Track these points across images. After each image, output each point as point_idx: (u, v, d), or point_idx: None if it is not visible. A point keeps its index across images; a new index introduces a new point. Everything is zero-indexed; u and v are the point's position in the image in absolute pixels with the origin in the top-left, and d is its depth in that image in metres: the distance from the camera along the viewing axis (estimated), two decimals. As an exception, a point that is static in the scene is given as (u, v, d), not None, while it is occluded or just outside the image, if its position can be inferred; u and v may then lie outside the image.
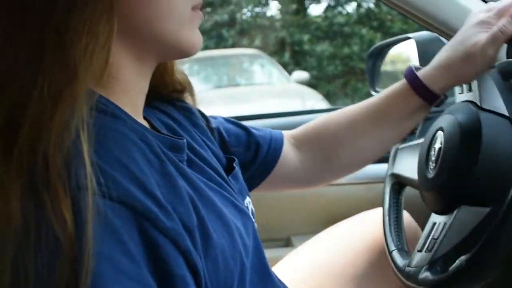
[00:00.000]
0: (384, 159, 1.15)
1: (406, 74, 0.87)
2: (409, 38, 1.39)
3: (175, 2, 0.65)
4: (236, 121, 0.94)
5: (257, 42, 9.59)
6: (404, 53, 1.62)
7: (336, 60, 9.79)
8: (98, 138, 0.54)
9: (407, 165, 1.04)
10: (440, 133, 0.86)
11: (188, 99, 0.86)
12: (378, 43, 1.70)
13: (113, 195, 0.52)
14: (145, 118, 0.74)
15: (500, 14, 0.81)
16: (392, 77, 1.81)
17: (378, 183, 1.43)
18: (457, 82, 0.86)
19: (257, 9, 10.00)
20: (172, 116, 0.80)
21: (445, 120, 0.86)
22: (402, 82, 0.88)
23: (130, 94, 0.67)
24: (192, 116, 0.84)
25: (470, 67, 0.82)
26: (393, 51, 1.61)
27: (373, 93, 1.63)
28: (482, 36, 0.80)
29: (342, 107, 0.96)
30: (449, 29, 1.05)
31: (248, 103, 5.65)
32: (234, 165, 0.82)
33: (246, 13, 9.57)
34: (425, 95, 0.85)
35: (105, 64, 0.59)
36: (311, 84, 9.39)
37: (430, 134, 0.90)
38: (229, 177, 0.78)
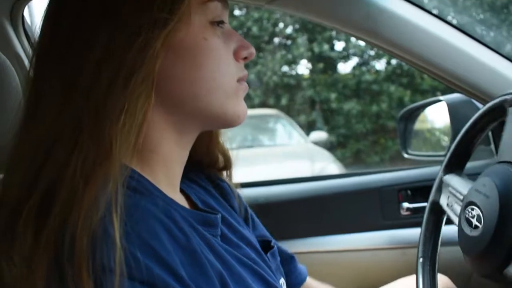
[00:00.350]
0: (417, 224, 1.13)
1: None
2: (440, 100, 1.40)
3: (221, 77, 0.66)
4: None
5: (284, 101, 9.63)
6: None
7: (365, 118, 9.75)
8: (126, 217, 0.54)
9: (450, 203, 1.03)
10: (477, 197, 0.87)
11: (227, 179, 0.87)
12: (409, 105, 1.71)
13: (136, 276, 0.52)
14: (183, 191, 0.74)
15: None
16: (422, 137, 1.81)
17: (413, 247, 1.40)
18: None
19: (285, 68, 10.07)
20: (210, 192, 0.80)
21: (482, 184, 0.86)
22: None
23: (167, 166, 0.68)
24: (229, 196, 0.84)
25: None
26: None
27: (405, 155, 1.63)
28: None
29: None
30: (481, 92, 1.06)
31: (269, 164, 5.65)
32: (272, 244, 0.82)
33: (272, 74, 9.64)
34: None
35: (139, 141, 0.60)
36: (340, 142, 9.29)
37: (467, 199, 0.90)
38: (268, 254, 0.78)
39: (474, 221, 0.87)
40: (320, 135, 7.81)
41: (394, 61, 9.89)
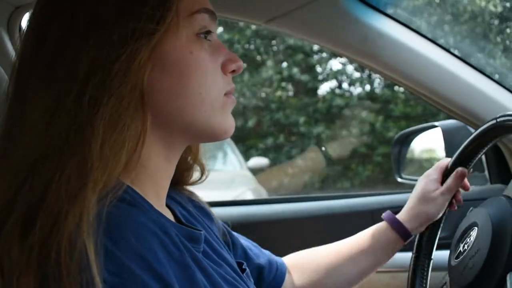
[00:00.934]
0: (408, 248, 1.13)
1: (385, 216, 1.01)
2: (435, 126, 1.40)
3: (208, 91, 0.66)
4: (248, 239, 0.97)
5: (251, 123, 9.55)
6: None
7: (335, 142, 9.69)
8: (117, 229, 0.54)
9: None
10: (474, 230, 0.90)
11: (201, 199, 0.87)
12: (404, 130, 1.72)
13: (131, 286, 0.52)
14: (168, 206, 0.73)
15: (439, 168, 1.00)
16: (418, 164, 1.81)
17: (403, 272, 1.39)
18: (425, 224, 1.00)
19: (253, 90, 9.99)
20: (189, 210, 0.80)
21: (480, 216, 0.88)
22: (382, 222, 1.01)
23: (156, 181, 0.67)
24: (207, 216, 0.84)
25: (435, 211, 0.98)
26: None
27: (399, 179, 1.62)
28: (436, 186, 0.98)
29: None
30: (474, 117, 1.07)
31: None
32: (244, 267, 0.82)
33: (240, 95, 9.57)
34: (400, 231, 0.98)
35: (130, 157, 0.59)
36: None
37: (463, 227, 0.92)
38: (244, 275, 0.78)
39: (467, 249, 0.87)
40: (259, 161, 7.78)
41: (367, 87, 9.89)
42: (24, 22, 1.24)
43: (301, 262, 1.01)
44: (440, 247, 1.04)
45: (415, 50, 1.08)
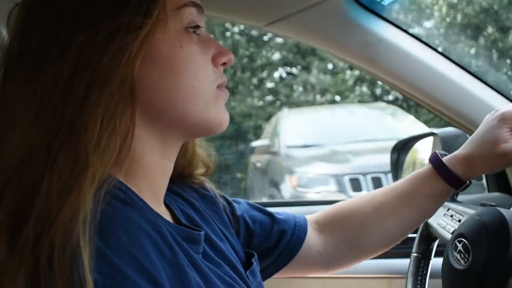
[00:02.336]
0: (405, 254, 1.13)
1: (431, 159, 0.89)
2: (434, 133, 1.40)
3: (200, 84, 0.66)
4: (260, 207, 0.93)
5: None
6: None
7: None
8: (109, 228, 0.53)
9: (442, 223, 1.03)
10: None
11: (210, 185, 0.85)
12: (403, 137, 1.71)
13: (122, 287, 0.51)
14: (166, 205, 0.73)
15: None
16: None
17: (400, 278, 1.39)
18: (477, 174, 0.89)
19: None
20: (194, 205, 0.79)
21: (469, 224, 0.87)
22: (427, 167, 0.89)
23: (152, 178, 0.67)
24: (214, 206, 0.83)
25: (491, 163, 0.85)
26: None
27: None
28: (503, 136, 0.83)
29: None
30: (474, 126, 1.06)
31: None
32: (253, 261, 0.80)
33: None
34: (450, 179, 0.87)
35: (124, 151, 0.58)
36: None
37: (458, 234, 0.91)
38: (247, 273, 0.76)
39: (462, 255, 0.87)
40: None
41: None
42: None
43: (332, 220, 0.94)
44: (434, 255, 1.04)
45: (415, 56, 1.08)
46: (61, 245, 0.50)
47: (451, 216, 1.01)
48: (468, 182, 0.89)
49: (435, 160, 0.88)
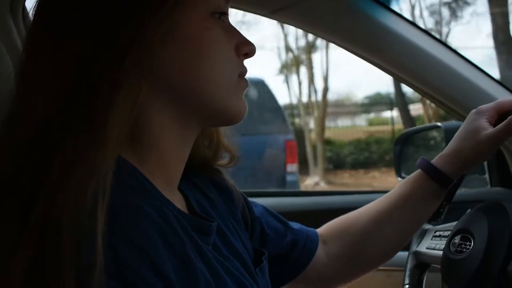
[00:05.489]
0: (405, 247, 1.13)
1: (419, 163, 0.92)
2: (438, 126, 1.40)
3: (223, 69, 0.65)
4: (276, 213, 0.93)
5: None
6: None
7: None
8: (116, 216, 0.52)
9: (432, 245, 1.04)
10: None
11: (230, 181, 0.84)
12: (406, 129, 1.71)
13: (125, 277, 0.50)
14: (182, 192, 0.72)
15: (499, 108, 0.90)
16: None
17: (398, 271, 1.39)
18: (468, 167, 0.91)
19: None
20: (209, 197, 0.78)
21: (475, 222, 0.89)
22: (418, 171, 0.92)
23: (167, 163, 0.66)
24: (229, 201, 0.82)
25: (477, 151, 0.88)
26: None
27: (399, 178, 1.62)
28: (482, 125, 0.88)
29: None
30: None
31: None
32: (263, 259, 0.79)
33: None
34: (440, 179, 0.89)
35: (134, 126, 0.58)
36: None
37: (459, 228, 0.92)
38: (256, 270, 0.76)
39: (462, 246, 0.88)
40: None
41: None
42: (28, 4, 1.23)
43: (334, 230, 0.95)
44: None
45: (422, 49, 1.08)
46: (69, 224, 0.49)
47: (439, 236, 1.04)
48: (456, 181, 0.91)
49: (423, 162, 0.91)
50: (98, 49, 0.56)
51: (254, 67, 0.92)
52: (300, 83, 12.49)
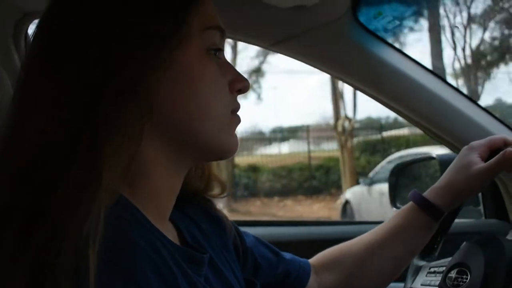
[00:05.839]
0: (399, 278, 1.12)
1: (411, 196, 0.93)
2: (433, 157, 1.41)
3: (216, 106, 0.66)
4: (267, 243, 0.93)
5: None
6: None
7: None
8: (108, 248, 0.52)
9: (426, 281, 1.04)
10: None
11: (221, 211, 0.85)
12: (402, 160, 1.72)
13: None
14: (173, 222, 0.72)
15: (490, 144, 0.92)
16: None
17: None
18: (459, 200, 0.92)
19: None
20: (201, 228, 0.78)
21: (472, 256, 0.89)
22: (410, 203, 0.93)
23: (159, 195, 0.66)
24: (220, 231, 0.82)
25: (469, 184, 0.90)
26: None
27: (394, 209, 1.62)
28: (474, 160, 0.90)
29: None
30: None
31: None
32: None
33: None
34: (432, 211, 0.90)
35: (131, 166, 0.57)
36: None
37: (456, 261, 0.92)
38: None
39: (458, 280, 0.88)
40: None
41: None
42: (31, 30, 1.25)
43: (326, 261, 0.95)
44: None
45: (415, 81, 1.09)
46: (65, 264, 0.48)
47: (434, 272, 1.04)
48: (455, 211, 0.93)
49: (415, 195, 0.92)
50: (100, 86, 0.56)
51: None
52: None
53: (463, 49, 12.22)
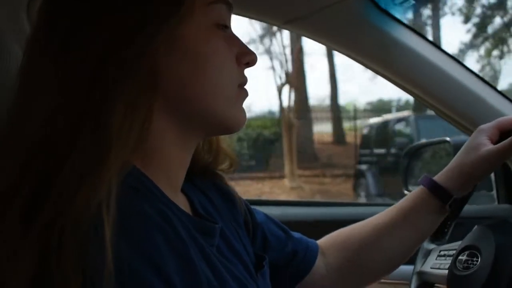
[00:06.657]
0: (409, 261, 1.12)
1: (421, 180, 0.92)
2: (446, 141, 1.40)
3: (224, 79, 0.66)
4: (277, 221, 0.93)
5: None
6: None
7: None
8: (120, 218, 0.52)
9: (436, 264, 1.04)
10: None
11: (231, 186, 0.85)
12: (415, 143, 1.71)
13: (127, 281, 0.50)
14: (185, 194, 0.73)
15: (499, 126, 0.91)
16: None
17: (404, 284, 1.39)
18: (470, 183, 0.91)
19: None
20: (212, 200, 0.79)
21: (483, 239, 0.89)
22: (420, 187, 0.92)
23: (169, 168, 0.67)
24: (231, 206, 0.82)
25: (479, 165, 0.89)
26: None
27: (405, 192, 1.62)
28: (483, 142, 0.89)
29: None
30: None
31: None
32: (264, 263, 0.80)
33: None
34: (441, 195, 0.89)
35: (142, 139, 0.58)
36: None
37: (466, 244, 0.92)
38: (258, 274, 0.76)
39: (468, 262, 0.88)
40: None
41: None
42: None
43: (334, 243, 0.95)
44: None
45: (430, 61, 1.08)
46: (74, 231, 0.49)
47: (444, 255, 1.03)
48: (456, 196, 0.90)
49: (425, 179, 0.91)
50: (106, 62, 0.57)
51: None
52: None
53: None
